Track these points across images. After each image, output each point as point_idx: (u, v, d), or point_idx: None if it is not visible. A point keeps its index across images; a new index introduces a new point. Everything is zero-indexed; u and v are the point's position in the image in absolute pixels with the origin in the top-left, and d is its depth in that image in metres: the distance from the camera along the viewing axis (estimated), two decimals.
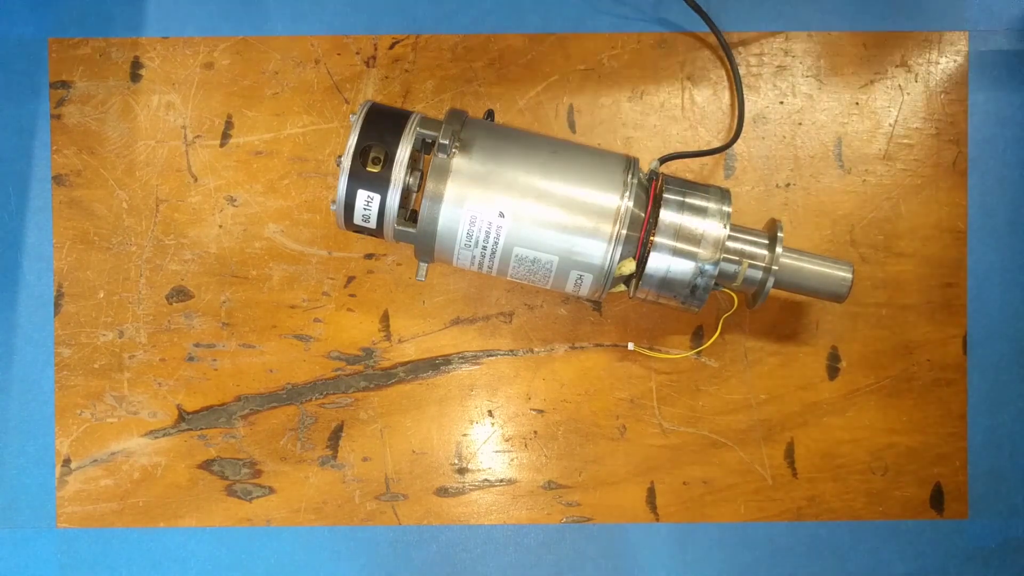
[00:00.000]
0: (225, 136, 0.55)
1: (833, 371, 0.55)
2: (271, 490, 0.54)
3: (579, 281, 0.46)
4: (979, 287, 0.56)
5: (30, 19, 0.56)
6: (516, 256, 0.46)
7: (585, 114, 0.56)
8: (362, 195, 0.45)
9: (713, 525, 0.55)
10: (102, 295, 0.55)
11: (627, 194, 0.45)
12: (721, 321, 0.53)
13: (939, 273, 0.56)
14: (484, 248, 0.45)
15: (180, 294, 0.55)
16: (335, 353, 0.55)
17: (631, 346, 0.55)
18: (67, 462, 0.54)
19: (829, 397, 0.55)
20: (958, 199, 0.56)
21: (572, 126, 0.56)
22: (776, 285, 0.48)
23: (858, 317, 0.55)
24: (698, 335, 0.55)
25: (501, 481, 0.55)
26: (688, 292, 0.46)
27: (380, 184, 0.44)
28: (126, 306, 0.55)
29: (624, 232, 0.45)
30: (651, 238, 0.46)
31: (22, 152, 0.55)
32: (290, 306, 0.55)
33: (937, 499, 0.55)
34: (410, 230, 0.46)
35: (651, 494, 0.55)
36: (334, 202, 0.45)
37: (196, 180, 0.55)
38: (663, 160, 0.50)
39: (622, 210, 0.45)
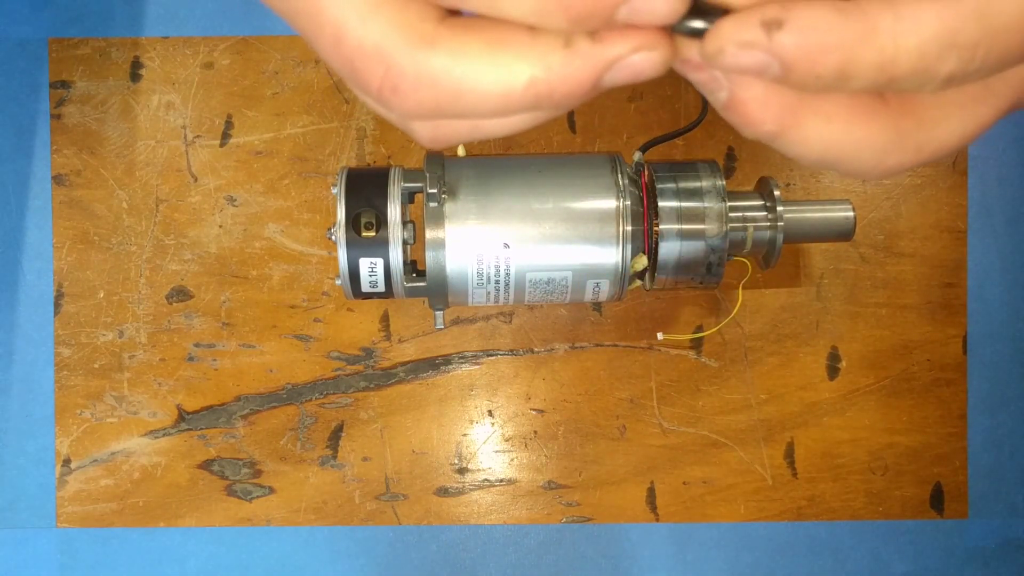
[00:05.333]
0: (225, 136, 0.55)
1: (833, 371, 0.55)
2: (271, 490, 0.55)
3: (597, 288, 0.46)
4: (979, 287, 0.56)
5: (30, 19, 0.56)
6: (530, 281, 0.46)
7: (585, 115, 0.56)
8: (364, 263, 0.44)
9: (713, 525, 0.55)
10: (102, 295, 0.55)
11: (621, 192, 0.45)
12: (740, 289, 0.52)
13: (939, 273, 0.56)
14: (497, 282, 0.45)
15: (180, 294, 0.55)
16: (335, 353, 0.55)
17: (660, 336, 0.54)
18: (67, 462, 0.54)
19: (829, 397, 0.55)
20: (958, 199, 0.56)
21: (572, 126, 0.56)
22: (785, 240, 0.48)
23: (858, 317, 0.55)
24: (698, 332, 0.55)
25: (501, 481, 0.55)
26: (704, 270, 0.46)
27: (379, 248, 0.44)
28: (126, 306, 0.55)
29: (629, 229, 0.45)
30: (655, 228, 0.46)
31: (22, 152, 0.55)
32: (290, 306, 0.55)
33: (937, 499, 0.55)
34: (420, 284, 0.45)
35: (651, 494, 0.55)
36: (338, 277, 0.45)
37: (196, 180, 0.55)
38: (644, 148, 0.50)
39: (621, 209, 0.45)
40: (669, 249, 0.46)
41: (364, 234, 0.44)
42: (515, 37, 0.17)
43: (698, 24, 0.17)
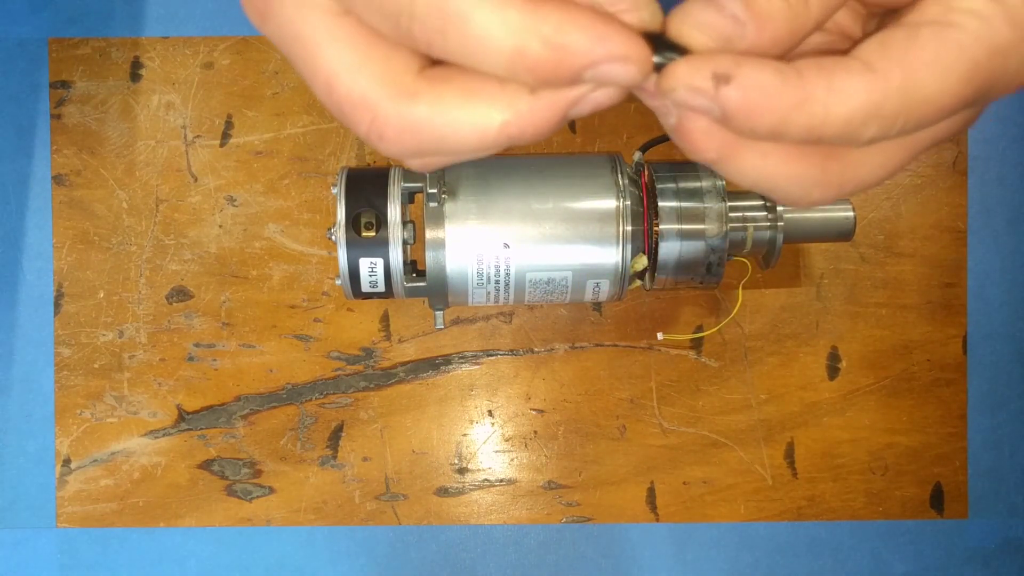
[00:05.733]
0: (225, 136, 0.55)
1: (833, 371, 0.55)
2: (271, 490, 0.55)
3: (596, 288, 0.46)
4: (979, 287, 0.56)
5: (30, 19, 0.56)
6: (530, 281, 0.46)
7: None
8: (364, 263, 0.45)
9: (713, 525, 0.55)
10: (102, 295, 0.55)
11: (621, 192, 0.45)
12: (740, 289, 0.53)
13: (939, 273, 0.56)
14: (497, 282, 0.45)
15: (180, 294, 0.55)
16: (335, 353, 0.55)
17: (660, 336, 0.55)
18: (67, 462, 0.54)
19: (829, 397, 0.55)
20: (958, 199, 0.56)
21: (572, 126, 0.56)
22: (785, 240, 0.48)
23: (858, 317, 0.55)
24: (698, 332, 0.55)
25: (501, 481, 0.55)
26: (704, 271, 0.46)
27: (379, 248, 0.44)
28: (126, 306, 0.55)
29: (629, 229, 0.45)
30: (655, 228, 0.46)
31: (22, 152, 0.55)
32: (290, 306, 0.55)
33: (937, 499, 0.55)
34: (420, 284, 0.45)
35: (651, 494, 0.55)
36: (338, 277, 0.45)
37: (196, 180, 0.55)
38: (644, 148, 0.50)
39: (621, 209, 0.45)
40: (669, 249, 0.46)
41: (364, 234, 0.44)
42: (486, 87, 0.19)
43: (657, 59, 0.19)
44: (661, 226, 0.46)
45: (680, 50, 0.19)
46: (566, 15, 0.18)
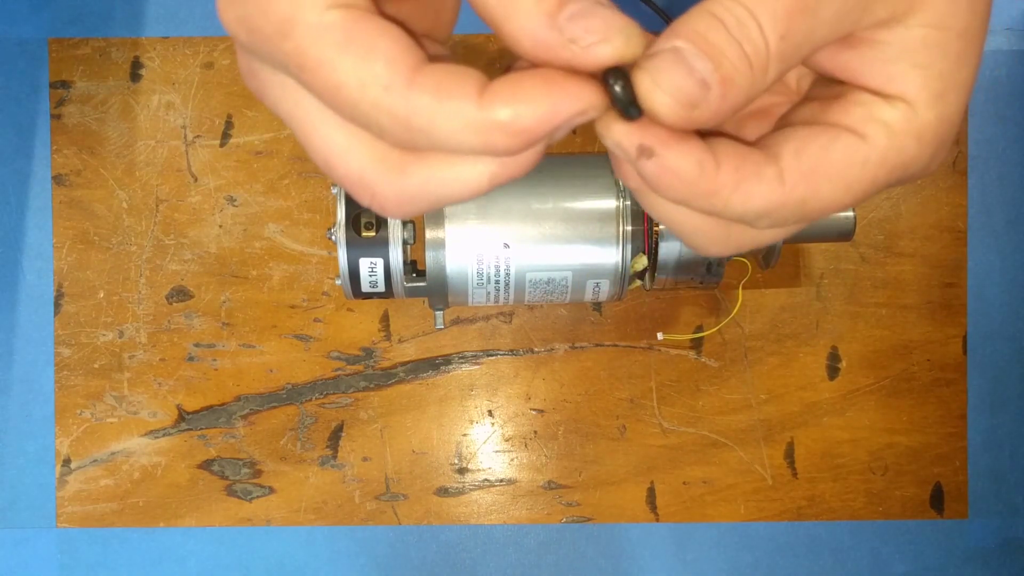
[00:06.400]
0: (225, 136, 0.55)
1: (833, 371, 0.55)
2: (271, 490, 0.55)
3: (596, 288, 0.46)
4: (979, 287, 0.56)
5: (30, 19, 0.56)
6: (530, 281, 0.46)
7: None
8: (364, 263, 0.45)
9: (713, 525, 0.55)
10: (102, 295, 0.55)
11: (621, 192, 0.45)
12: (740, 289, 0.53)
13: (939, 273, 0.56)
14: (497, 282, 0.45)
15: (180, 294, 0.55)
16: (335, 353, 0.55)
17: (660, 336, 0.55)
18: (67, 462, 0.54)
19: (829, 397, 0.55)
20: (958, 199, 0.56)
21: None
22: (785, 240, 0.48)
23: (858, 317, 0.55)
24: (699, 331, 0.55)
25: (501, 481, 0.55)
26: (704, 270, 0.46)
27: (379, 248, 0.44)
28: (126, 306, 0.55)
29: (629, 229, 0.45)
30: (655, 228, 0.46)
31: (22, 152, 0.55)
32: (290, 306, 0.55)
33: (937, 499, 0.55)
34: (420, 284, 0.45)
35: (651, 494, 0.55)
36: (338, 277, 0.45)
37: (196, 180, 0.55)
38: None
39: (621, 209, 0.45)
40: (669, 249, 0.46)
41: (364, 234, 0.44)
42: None
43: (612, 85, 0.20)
44: (661, 226, 0.46)
45: (637, 110, 0.20)
46: (517, 95, 0.19)
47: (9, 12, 0.56)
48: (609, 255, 0.45)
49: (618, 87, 0.19)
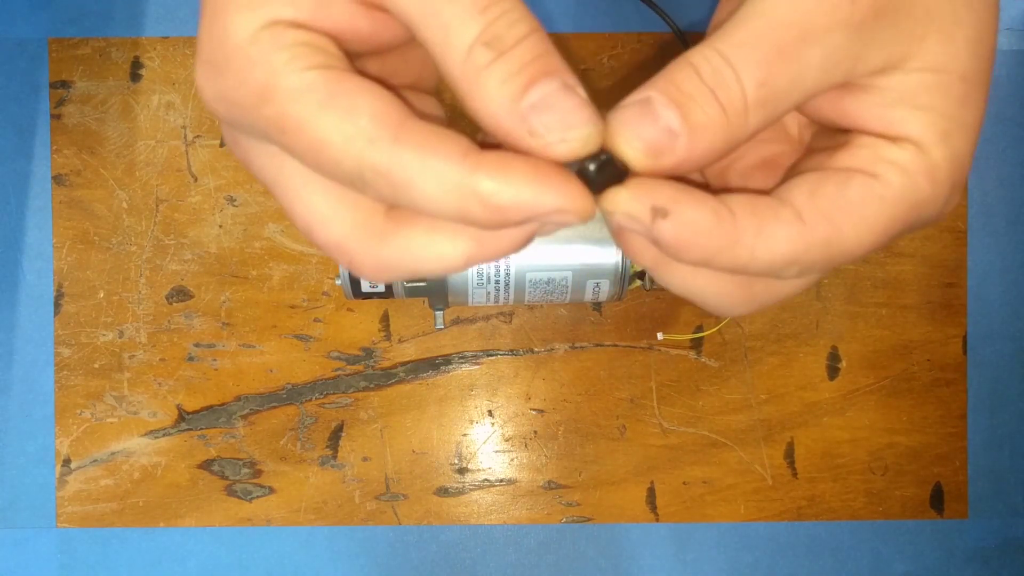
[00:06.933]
0: None
1: (833, 371, 0.55)
2: (271, 490, 0.55)
3: (596, 288, 0.46)
4: (979, 287, 0.56)
5: (29, 19, 0.56)
6: (530, 281, 0.46)
7: None
8: None
9: (713, 525, 0.55)
10: (102, 295, 0.55)
11: None
12: None
13: (939, 273, 0.56)
14: (497, 282, 0.45)
15: (180, 294, 0.55)
16: (335, 353, 0.55)
17: (660, 336, 0.55)
18: (67, 462, 0.54)
19: (829, 397, 0.55)
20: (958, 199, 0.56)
21: None
22: None
23: (858, 317, 0.55)
24: (699, 331, 0.55)
25: (501, 481, 0.55)
26: None
27: None
28: (126, 306, 0.55)
29: None
30: None
31: (22, 152, 0.55)
32: (290, 306, 0.55)
33: (937, 499, 0.55)
34: (420, 284, 0.45)
35: (651, 494, 0.55)
36: (337, 277, 0.45)
37: (196, 180, 0.55)
38: None
39: None
40: None
41: None
42: (448, 224, 0.20)
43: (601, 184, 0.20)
44: None
45: (621, 166, 0.20)
46: (502, 172, 0.18)
47: (9, 12, 0.56)
48: (609, 255, 0.45)
49: (596, 160, 0.19)
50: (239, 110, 0.20)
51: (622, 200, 0.20)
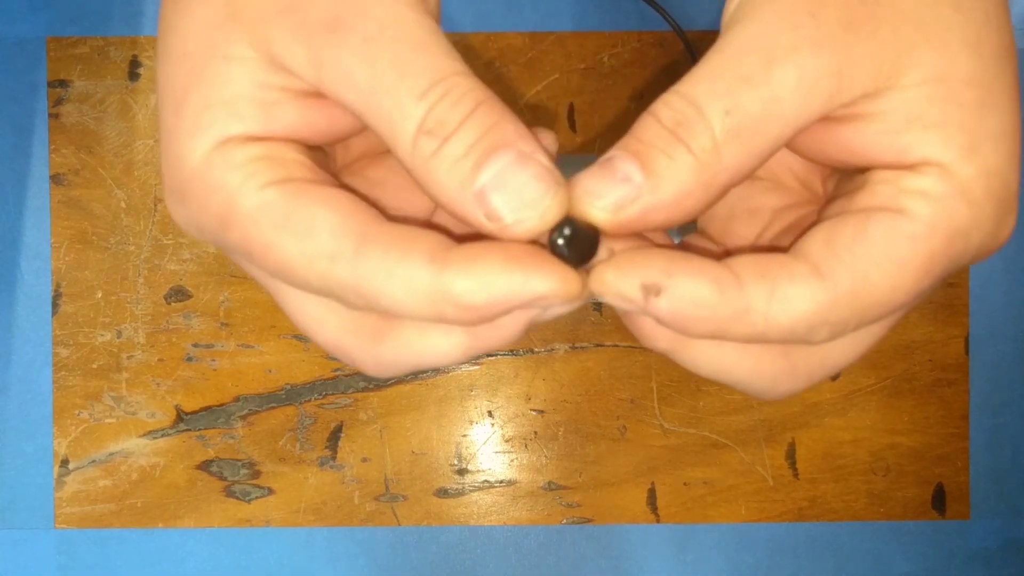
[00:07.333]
0: None
1: None
2: (270, 491, 0.54)
3: None
4: (981, 287, 0.55)
5: (28, 18, 0.56)
6: None
7: (586, 114, 0.56)
8: None
9: (714, 526, 0.55)
10: (100, 295, 0.55)
11: None
12: None
13: None
14: None
15: (178, 294, 0.55)
16: None
17: None
18: (65, 463, 0.54)
19: (830, 397, 0.55)
20: None
21: (573, 125, 0.56)
22: None
23: None
24: None
25: (501, 482, 0.55)
26: None
27: None
28: (124, 306, 0.55)
29: None
30: None
31: (20, 151, 0.55)
32: None
33: (939, 500, 0.55)
34: None
35: (652, 495, 0.55)
36: None
37: None
38: None
39: None
40: None
41: None
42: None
43: (583, 263, 0.19)
44: None
45: (592, 232, 0.18)
46: (471, 269, 0.17)
47: (7, 11, 0.56)
48: None
49: (567, 227, 0.18)
50: (209, 235, 0.19)
51: (609, 281, 0.18)
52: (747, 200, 0.24)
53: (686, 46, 0.55)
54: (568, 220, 0.18)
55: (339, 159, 0.23)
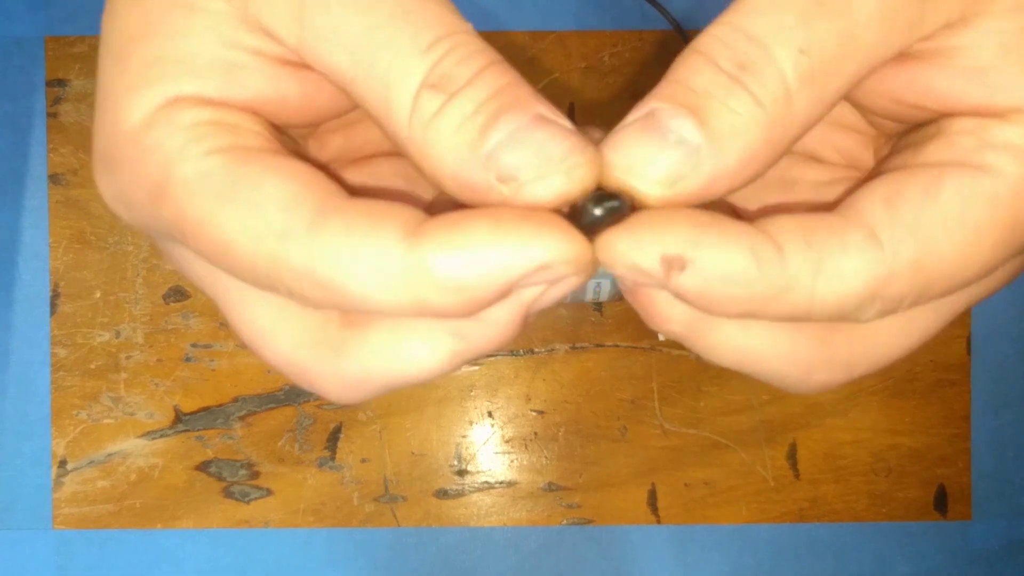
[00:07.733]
0: None
1: None
2: (269, 492, 0.54)
3: (598, 288, 0.46)
4: None
5: (26, 17, 0.56)
6: None
7: (586, 113, 0.55)
8: None
9: (714, 527, 0.55)
10: (98, 295, 0.54)
11: None
12: None
13: None
14: None
15: (177, 294, 0.55)
16: None
17: (662, 336, 0.54)
18: (63, 463, 0.54)
19: (831, 398, 0.55)
20: None
21: (573, 122, 0.55)
22: None
23: None
24: None
25: (501, 483, 0.54)
26: None
27: None
28: (123, 306, 0.54)
29: None
30: None
31: (18, 151, 0.55)
32: None
33: (940, 500, 0.55)
34: None
35: (652, 496, 0.54)
36: None
37: None
38: None
39: None
40: None
41: None
42: (417, 321, 0.16)
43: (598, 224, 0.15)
44: None
45: (629, 206, 0.15)
46: (453, 239, 0.14)
47: (5, 10, 0.56)
48: None
49: (599, 212, 0.15)
50: (138, 211, 0.16)
51: (621, 251, 0.15)
52: (782, 169, 0.20)
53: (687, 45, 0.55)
54: (600, 189, 0.15)
55: (311, 158, 0.20)
